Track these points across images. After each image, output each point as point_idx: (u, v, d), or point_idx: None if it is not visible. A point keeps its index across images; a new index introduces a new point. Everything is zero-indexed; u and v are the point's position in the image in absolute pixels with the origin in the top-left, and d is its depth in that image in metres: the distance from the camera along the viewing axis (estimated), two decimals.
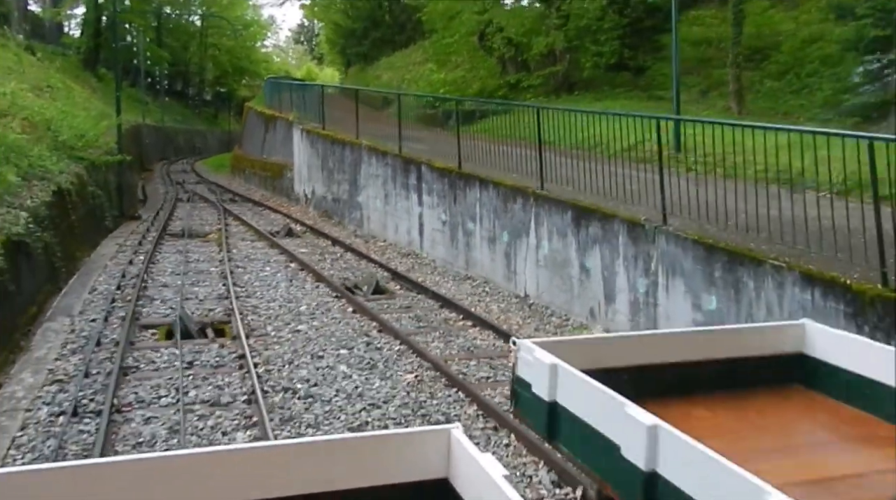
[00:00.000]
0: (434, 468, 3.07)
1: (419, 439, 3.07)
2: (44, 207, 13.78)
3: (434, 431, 3.10)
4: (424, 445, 3.04)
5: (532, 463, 6.55)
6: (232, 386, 8.49)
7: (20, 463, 6.61)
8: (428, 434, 3.09)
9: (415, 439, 3.08)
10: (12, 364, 9.35)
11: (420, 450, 3.06)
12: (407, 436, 3.16)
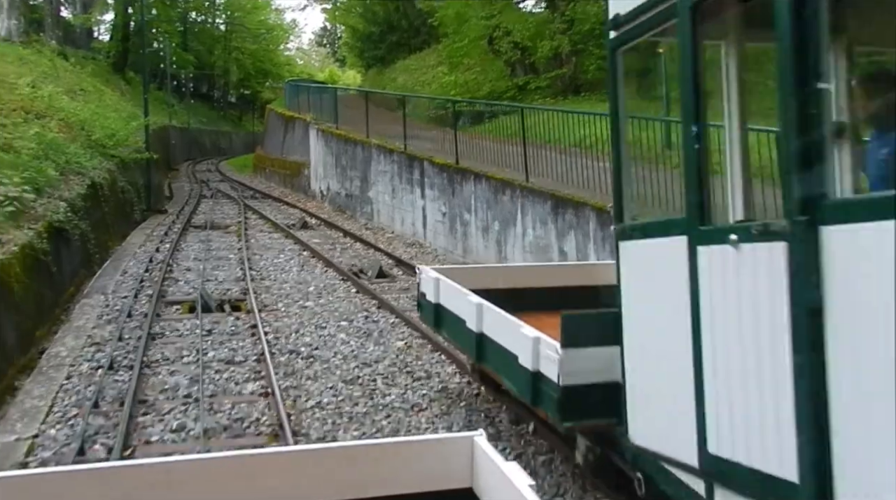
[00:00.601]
0: (458, 476, 3.03)
1: (442, 446, 3.01)
2: (79, 198, 15.20)
3: (457, 438, 3.03)
4: (447, 452, 2.97)
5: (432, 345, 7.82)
6: (244, 349, 9.80)
7: (66, 403, 7.94)
8: (451, 442, 3.03)
9: (437, 446, 3.02)
10: (55, 333, 10.73)
11: (443, 458, 3.00)
12: (429, 443, 3.12)
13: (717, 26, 4.26)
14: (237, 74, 77.87)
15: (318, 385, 8.53)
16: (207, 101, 76.17)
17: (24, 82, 22.16)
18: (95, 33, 59.47)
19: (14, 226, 11.51)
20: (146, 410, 7.75)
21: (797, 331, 3.16)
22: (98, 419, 7.46)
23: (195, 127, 58.61)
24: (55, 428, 7.31)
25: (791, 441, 3.23)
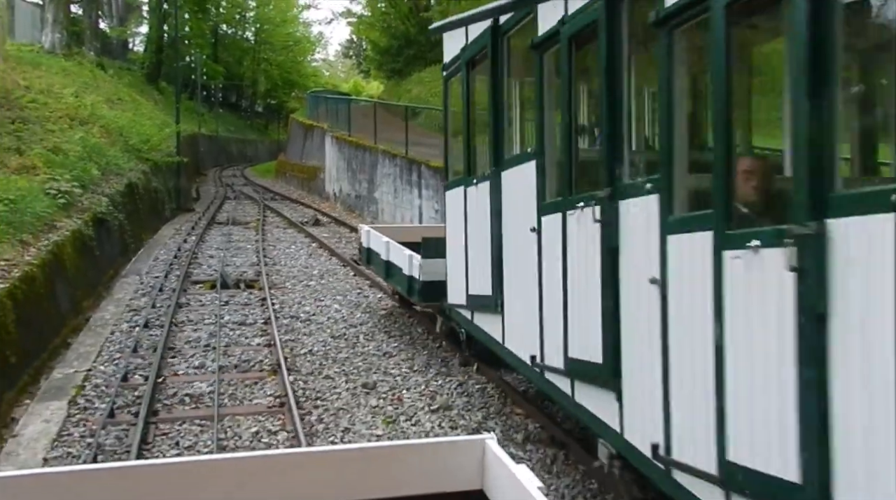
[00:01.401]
0: (468, 479, 3.02)
1: (452, 448, 3.01)
2: (118, 195, 17.41)
3: (468, 441, 3.02)
4: (457, 455, 2.96)
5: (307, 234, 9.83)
6: (254, 315, 11.88)
7: (111, 350, 10.04)
8: (461, 444, 3.02)
9: (448, 448, 3.02)
10: (99, 304, 12.86)
11: (453, 460, 2.99)
12: (439, 445, 3.12)
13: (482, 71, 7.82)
14: (265, 85, 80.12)
15: (311, 339, 10.58)
16: (235, 110, 78.58)
17: (69, 92, 24.50)
18: (130, 45, 62.36)
19: (65, 215, 13.68)
20: (174, 354, 9.84)
21: (716, 276, 4.01)
22: (137, 359, 9.56)
23: (223, 135, 61.06)
24: (104, 365, 9.42)
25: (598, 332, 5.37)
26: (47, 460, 6.67)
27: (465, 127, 8.18)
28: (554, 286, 6.02)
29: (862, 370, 3.10)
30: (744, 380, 3.88)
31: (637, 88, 5.41)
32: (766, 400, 3.68)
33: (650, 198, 4.66)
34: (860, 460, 3.14)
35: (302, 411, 7.80)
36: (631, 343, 5.00)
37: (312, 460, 3.00)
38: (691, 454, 4.34)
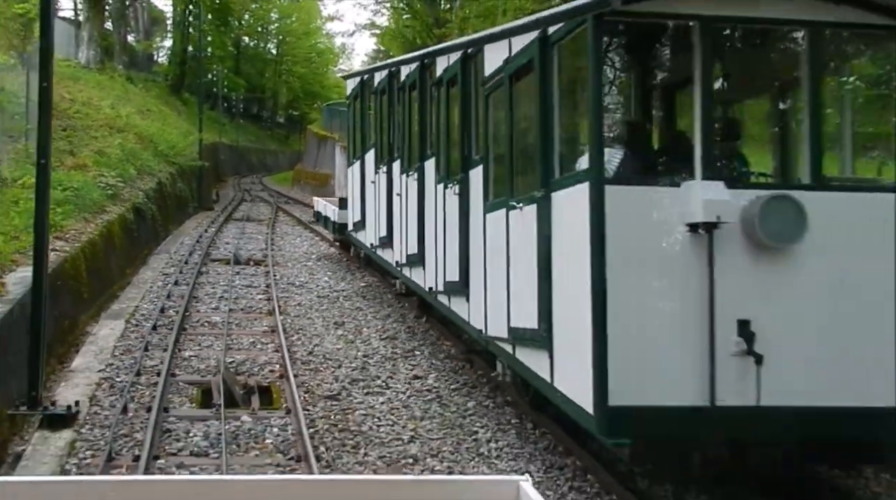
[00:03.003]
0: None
1: (485, 487, 2.79)
2: (151, 191, 20.81)
3: (502, 481, 2.77)
4: (490, 494, 2.73)
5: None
6: (259, 281, 15.22)
7: (151, 297, 13.37)
8: (495, 483, 2.80)
9: (481, 487, 2.81)
10: (138, 271, 16.22)
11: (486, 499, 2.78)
12: (472, 483, 2.94)
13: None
14: (286, 96, 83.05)
15: (301, 297, 13.92)
16: (256, 121, 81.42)
17: (106, 104, 28.04)
18: (155, 57, 66.14)
19: (112, 203, 17.07)
20: (197, 301, 13.21)
21: (542, 247, 6.68)
22: (170, 302, 12.93)
23: (243, 145, 64.49)
24: (146, 304, 12.81)
25: None
26: (116, 347, 10.06)
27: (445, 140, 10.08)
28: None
29: (567, 263, 6.27)
30: (517, 276, 7.30)
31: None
32: (527, 285, 6.99)
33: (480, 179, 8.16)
34: (566, 314, 6.29)
35: (286, 334, 11.12)
36: (479, 275, 8.42)
37: (335, 488, 2.85)
38: (497, 330, 7.72)
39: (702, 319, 5.64)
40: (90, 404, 8.33)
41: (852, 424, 5.73)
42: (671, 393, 5.61)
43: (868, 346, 5.77)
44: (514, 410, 8.38)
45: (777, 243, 5.71)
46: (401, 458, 7.16)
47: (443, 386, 9.18)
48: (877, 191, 6.23)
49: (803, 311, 5.77)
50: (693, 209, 5.64)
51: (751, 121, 7.77)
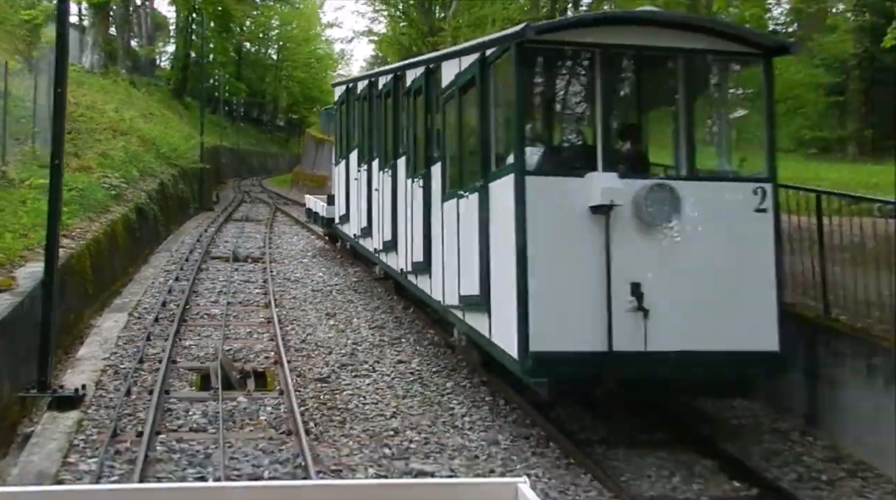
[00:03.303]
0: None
1: (483, 489, 2.85)
2: (153, 192, 21.46)
3: (501, 483, 2.83)
4: (489, 496, 2.80)
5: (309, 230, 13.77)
6: (256, 277, 15.85)
7: (153, 291, 14.00)
8: (493, 486, 2.85)
9: (479, 489, 2.87)
10: (140, 269, 16.86)
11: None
12: (471, 486, 3.00)
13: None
14: (286, 100, 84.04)
15: (296, 291, 14.54)
16: (257, 124, 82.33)
17: (110, 108, 28.71)
18: (157, 61, 66.86)
19: (115, 204, 17.71)
20: (197, 295, 13.83)
21: (487, 223, 7.99)
22: (171, 296, 13.55)
23: (244, 148, 65.20)
24: (148, 298, 13.43)
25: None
26: (119, 337, 10.69)
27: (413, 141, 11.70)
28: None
29: (499, 239, 7.29)
30: (465, 252, 8.30)
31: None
32: (472, 259, 7.97)
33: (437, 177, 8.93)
34: (499, 281, 7.36)
35: (280, 324, 11.74)
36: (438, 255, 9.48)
37: (334, 492, 2.88)
38: (451, 299, 8.68)
39: (601, 282, 7.16)
40: (96, 388, 8.95)
41: (721, 364, 7.29)
42: (578, 341, 7.08)
43: (731, 301, 7.31)
44: (488, 389, 9.01)
45: (657, 221, 7.27)
46: (383, 431, 7.79)
47: (425, 369, 9.80)
48: (735, 180, 7.93)
49: (680, 274, 7.27)
50: (593, 195, 7.18)
51: (649, 126, 9.34)
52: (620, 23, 8.02)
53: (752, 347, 7.31)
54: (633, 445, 7.60)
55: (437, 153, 10.13)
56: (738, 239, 7.46)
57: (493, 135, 8.22)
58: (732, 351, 7.23)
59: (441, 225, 9.70)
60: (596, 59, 7.59)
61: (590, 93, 8.10)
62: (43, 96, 18.91)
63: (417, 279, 11.07)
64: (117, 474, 6.71)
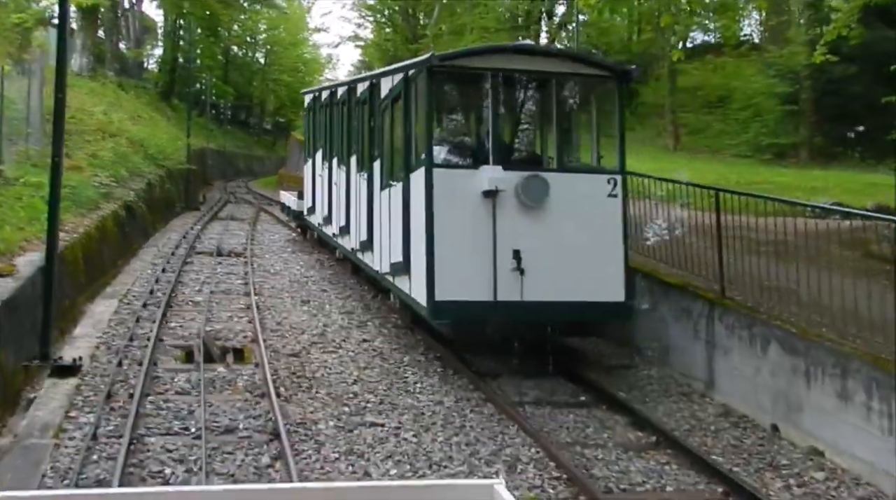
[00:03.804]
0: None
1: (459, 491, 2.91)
2: (141, 191, 22.50)
3: (476, 485, 2.89)
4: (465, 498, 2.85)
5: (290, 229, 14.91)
6: (238, 270, 16.95)
7: (141, 282, 15.07)
8: (469, 488, 2.92)
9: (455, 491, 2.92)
10: (129, 263, 17.91)
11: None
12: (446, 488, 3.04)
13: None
14: (273, 104, 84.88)
15: (275, 282, 15.66)
16: (244, 127, 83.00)
17: (99, 110, 29.69)
18: (145, 64, 67.65)
19: (105, 201, 18.76)
20: (183, 285, 14.93)
21: (408, 205, 10.25)
22: (158, 285, 14.65)
23: (231, 150, 66.03)
24: (137, 287, 14.52)
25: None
26: (111, 319, 11.78)
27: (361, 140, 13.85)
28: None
29: (415, 217, 9.31)
30: (394, 229, 10.20)
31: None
32: (398, 234, 9.85)
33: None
34: (415, 249, 9.41)
35: (259, 310, 12.85)
36: (378, 233, 11.46)
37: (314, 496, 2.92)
38: (385, 267, 10.52)
39: (489, 248, 9.31)
40: (91, 360, 10.04)
41: (580, 310, 9.56)
42: (472, 292, 9.25)
43: (589, 264, 9.52)
44: (440, 362, 10.18)
45: (532, 203, 9.42)
46: (344, 394, 8.93)
47: (386, 347, 10.96)
48: (593, 173, 10.31)
49: (549, 243, 9.41)
50: (484, 183, 9.38)
51: (531, 131, 11.79)
52: (506, 52, 10.73)
53: (604, 298, 9.55)
54: (559, 406, 8.81)
55: (378, 152, 12.37)
56: (594, 217, 9.74)
57: (413, 137, 10.36)
58: (589, 301, 9.50)
59: (380, 210, 11.92)
60: (488, 79, 9.98)
61: (483, 105, 10.49)
62: (33, 98, 20.00)
63: (364, 255, 13.40)
64: (113, 424, 7.82)
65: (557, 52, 11.75)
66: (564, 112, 10.98)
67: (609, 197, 9.72)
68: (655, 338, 10.30)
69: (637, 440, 7.91)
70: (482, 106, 10.68)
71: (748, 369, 8.52)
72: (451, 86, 11.37)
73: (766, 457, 7.56)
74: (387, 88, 11.84)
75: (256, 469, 6.97)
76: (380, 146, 12.20)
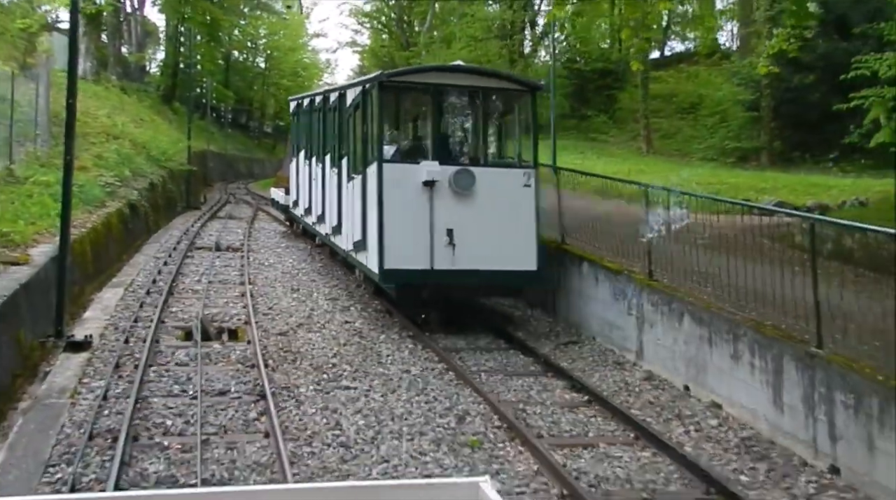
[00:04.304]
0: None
1: (446, 489, 2.92)
2: (144, 190, 23.71)
3: (462, 483, 2.90)
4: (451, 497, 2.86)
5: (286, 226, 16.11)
6: (235, 263, 18.16)
7: (144, 273, 16.27)
8: (455, 486, 2.92)
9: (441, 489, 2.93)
10: (133, 257, 19.10)
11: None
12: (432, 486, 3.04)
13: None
14: (273, 107, 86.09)
15: (268, 274, 16.87)
16: (244, 130, 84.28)
17: (103, 114, 30.91)
18: (147, 67, 68.86)
19: (110, 199, 19.97)
20: (183, 276, 16.14)
21: (366, 193, 11.90)
22: (160, 277, 15.86)
23: (232, 153, 67.25)
24: (140, 278, 15.73)
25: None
26: (118, 305, 12.99)
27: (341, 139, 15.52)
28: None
29: (370, 204, 11.27)
30: (355, 214, 12.15)
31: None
32: (358, 218, 11.76)
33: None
34: (370, 230, 11.52)
35: (252, 297, 14.05)
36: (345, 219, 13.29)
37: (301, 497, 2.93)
38: (349, 246, 12.49)
39: (428, 227, 11.61)
40: (100, 338, 11.23)
41: (501, 277, 11.92)
42: (414, 262, 11.54)
43: (508, 240, 11.76)
44: (412, 340, 11.39)
45: (462, 191, 11.71)
46: (324, 365, 10.13)
47: (365, 327, 12.17)
48: (511, 167, 12.67)
49: (475, 223, 11.68)
50: (423, 175, 11.64)
51: (468, 134, 13.88)
52: (443, 70, 13.46)
53: (520, 267, 11.89)
54: (510, 374, 10.02)
55: (345, 150, 14.54)
56: (512, 203, 11.97)
57: (369, 138, 12.61)
58: (508, 270, 11.86)
59: (345, 199, 14.14)
60: (428, 92, 12.58)
61: (424, 112, 13.34)
62: (40, 102, 21.22)
63: (335, 238, 15.56)
64: (121, 388, 9.01)
65: (483, 71, 14.90)
66: (490, 118, 13.66)
67: (524, 187, 12.08)
68: (598, 316, 11.51)
69: (571, 400, 9.11)
70: (423, 113, 13.45)
71: (668, 339, 9.74)
72: (398, 97, 13.92)
73: (674, 410, 8.79)
74: (351, 97, 14.08)
75: (245, 422, 8.16)
76: (346, 146, 14.37)
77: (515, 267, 11.81)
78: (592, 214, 12.92)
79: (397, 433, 7.88)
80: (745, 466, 7.46)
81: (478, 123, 13.32)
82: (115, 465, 6.78)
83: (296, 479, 6.61)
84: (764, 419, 8.10)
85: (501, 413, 8.26)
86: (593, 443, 7.89)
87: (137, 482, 6.71)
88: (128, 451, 7.22)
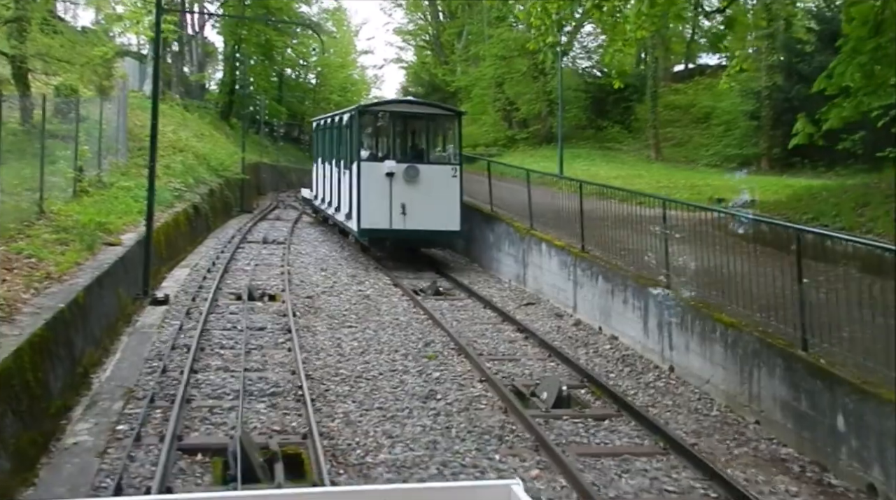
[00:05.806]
0: None
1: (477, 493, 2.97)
2: (205, 195, 27.75)
3: (493, 486, 2.93)
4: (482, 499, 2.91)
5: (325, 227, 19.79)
6: (278, 252, 21.98)
7: (204, 258, 20.15)
8: (487, 489, 2.96)
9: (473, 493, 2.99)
10: (196, 248, 23.03)
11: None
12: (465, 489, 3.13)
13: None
14: None
15: (304, 259, 20.66)
16: (296, 143, 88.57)
17: (169, 129, 35.21)
18: (207, 85, 73.69)
19: (178, 202, 23.98)
20: (236, 261, 20.03)
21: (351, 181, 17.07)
22: (218, 261, 19.75)
23: (283, 164, 71.53)
24: (203, 262, 19.64)
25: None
26: (186, 278, 16.89)
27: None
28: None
29: (354, 188, 17.98)
30: (347, 196, 18.39)
31: None
32: (349, 198, 17.72)
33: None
34: (353, 205, 17.85)
35: (289, 275, 17.78)
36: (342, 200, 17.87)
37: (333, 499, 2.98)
38: (344, 218, 17.76)
39: (388, 202, 19.02)
40: (174, 298, 15.05)
41: (436, 234, 19.55)
42: (379, 223, 19.06)
43: (441, 211, 19.05)
44: (411, 302, 14.97)
45: (411, 180, 19.02)
46: (336, 315, 13.79)
47: (374, 293, 15.83)
48: (443, 164, 19.94)
49: (419, 200, 18.34)
50: (386, 170, 18.99)
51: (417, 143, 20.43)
52: (403, 102, 22.67)
53: (448, 228, 19.12)
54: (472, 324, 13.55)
55: (341, 154, 21.88)
56: (444, 188, 19.10)
57: (352, 145, 18.41)
58: (440, 229, 19.05)
59: (343, 187, 20.93)
60: (393, 117, 20.57)
61: (389, 130, 21.02)
62: (120, 120, 25.42)
63: (336, 214, 22.76)
64: (190, 325, 12.77)
65: (426, 103, 24.97)
66: (430, 133, 21.36)
67: (452, 177, 19.36)
68: (549, 283, 14.93)
69: (515, 338, 12.63)
70: (387, 130, 21.04)
71: (590, 295, 13.16)
72: (371, 119, 21.63)
73: (585, 342, 12.28)
74: (345, 119, 21.51)
75: (275, 344, 11.84)
76: (341, 151, 21.54)
77: (445, 228, 19.18)
78: (554, 207, 16.36)
79: (379, 350, 11.50)
80: (616, 369, 10.92)
81: (422, 135, 21.09)
82: (189, 361, 10.48)
83: (306, 365, 10.24)
84: (638, 342, 11.52)
85: (453, 338, 11.86)
86: (517, 359, 11.40)
87: (204, 368, 10.41)
88: (197, 355, 10.93)
